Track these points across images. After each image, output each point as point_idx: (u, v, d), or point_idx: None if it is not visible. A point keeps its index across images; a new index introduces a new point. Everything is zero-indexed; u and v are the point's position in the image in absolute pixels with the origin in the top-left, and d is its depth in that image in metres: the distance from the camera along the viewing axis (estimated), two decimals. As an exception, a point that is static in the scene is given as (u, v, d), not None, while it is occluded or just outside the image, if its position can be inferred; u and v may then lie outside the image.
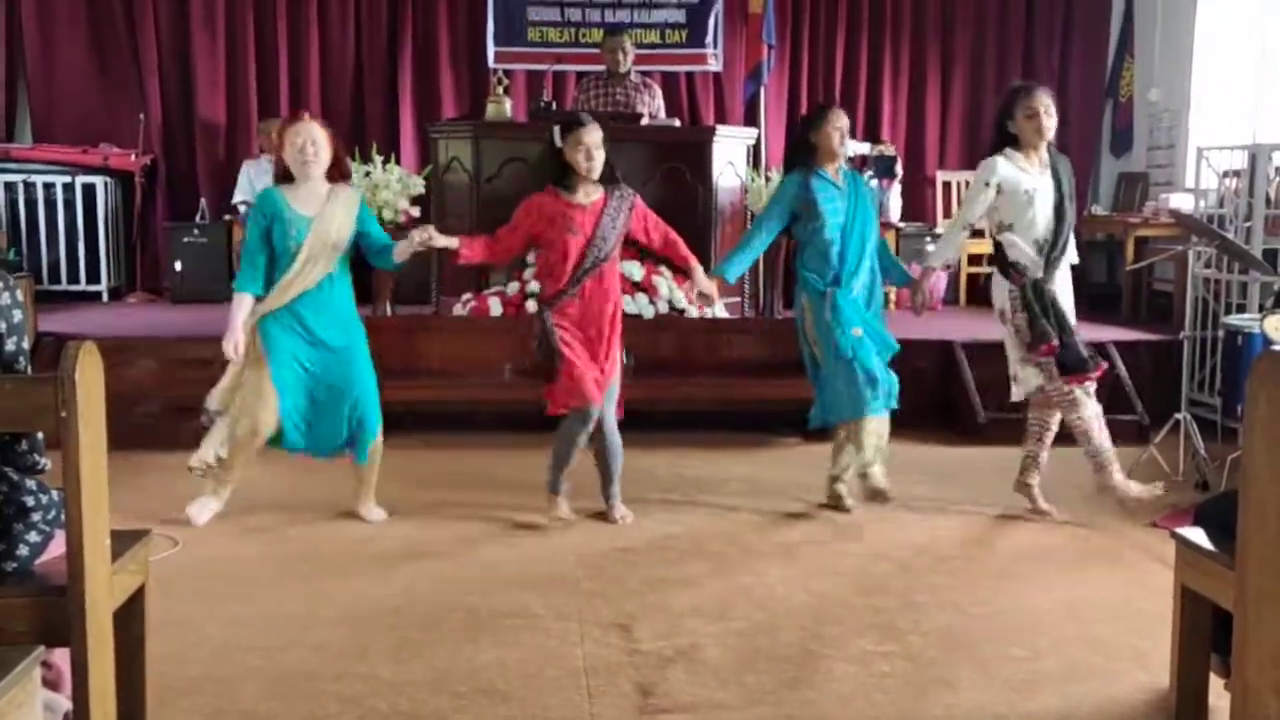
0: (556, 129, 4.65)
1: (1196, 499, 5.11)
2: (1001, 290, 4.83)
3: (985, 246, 7.58)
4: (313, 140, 4.57)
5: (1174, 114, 9.05)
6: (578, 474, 4.83)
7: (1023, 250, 4.74)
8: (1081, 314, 4.98)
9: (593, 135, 4.59)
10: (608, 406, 4.73)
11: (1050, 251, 4.73)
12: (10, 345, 2.56)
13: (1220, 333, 6.15)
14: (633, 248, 5.20)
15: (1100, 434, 4.77)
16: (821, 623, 3.77)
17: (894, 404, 4.89)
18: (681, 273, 5.26)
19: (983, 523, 4.92)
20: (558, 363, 4.60)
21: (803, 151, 4.97)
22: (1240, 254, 5.52)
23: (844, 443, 4.97)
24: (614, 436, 4.80)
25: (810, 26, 9.47)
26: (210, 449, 4.78)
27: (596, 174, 4.63)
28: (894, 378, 4.89)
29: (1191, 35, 8.87)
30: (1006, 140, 4.79)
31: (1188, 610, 2.93)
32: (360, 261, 4.84)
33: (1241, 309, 6.62)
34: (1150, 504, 4.76)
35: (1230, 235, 5.91)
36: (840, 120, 4.93)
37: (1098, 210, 9.30)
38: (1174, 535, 2.97)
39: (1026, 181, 4.73)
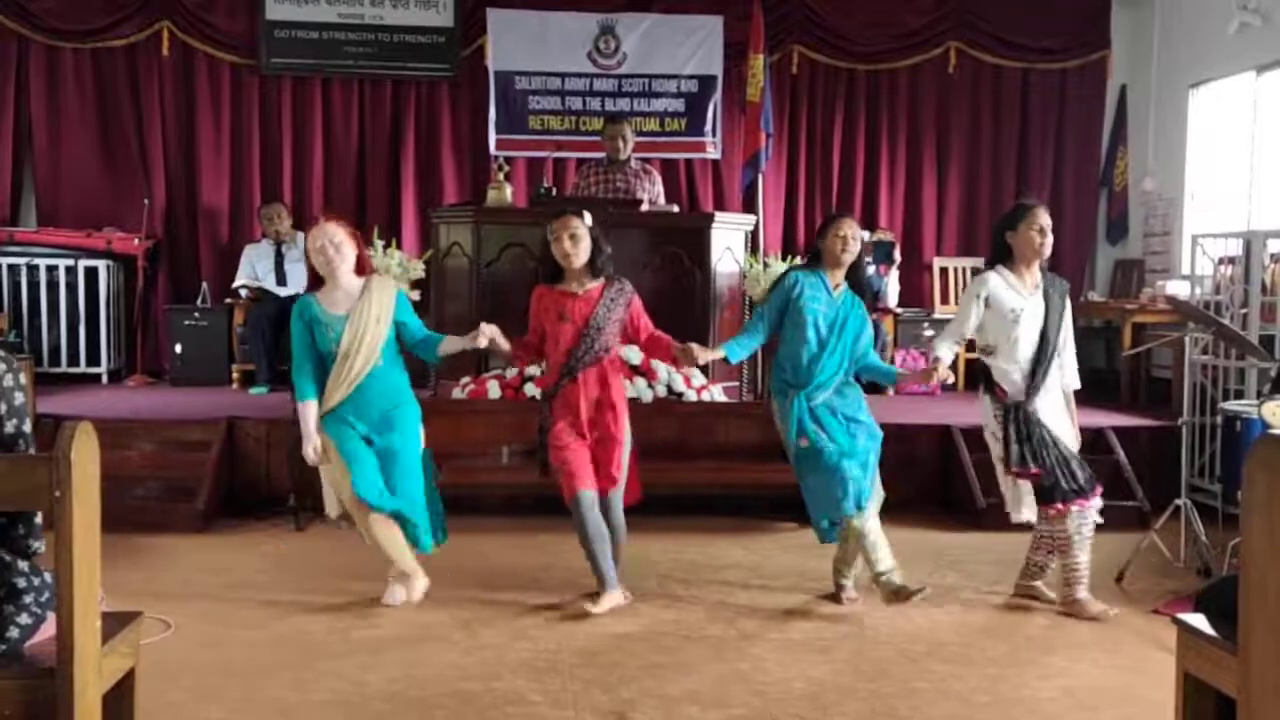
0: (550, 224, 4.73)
1: (1198, 586, 5.08)
2: (988, 408, 4.82)
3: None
4: (331, 240, 4.59)
5: (1168, 202, 9.17)
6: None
7: (1004, 372, 4.74)
8: (1079, 399, 4.97)
9: (569, 224, 4.66)
10: (612, 491, 4.72)
11: (1034, 373, 4.68)
12: (10, 427, 2.57)
13: (1218, 418, 6.15)
14: None
15: (1082, 553, 4.72)
16: (821, 710, 3.72)
17: (860, 506, 4.63)
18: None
19: (982, 609, 4.87)
20: (550, 457, 4.69)
21: (813, 255, 4.95)
22: (1237, 340, 5.55)
23: (848, 544, 4.83)
24: (615, 519, 4.77)
25: (808, 115, 9.62)
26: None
27: (577, 262, 4.66)
28: (863, 480, 4.65)
29: (1184, 125, 9.01)
30: (1002, 254, 4.79)
31: (1191, 697, 2.89)
32: None
33: (1239, 394, 6.63)
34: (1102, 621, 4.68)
35: (1226, 321, 5.94)
36: (844, 228, 4.85)
37: (1094, 297, 9.37)
38: (1176, 621, 2.94)
39: (1014, 300, 4.71)
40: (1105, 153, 9.78)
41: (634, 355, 6.45)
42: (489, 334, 4.64)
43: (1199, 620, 2.88)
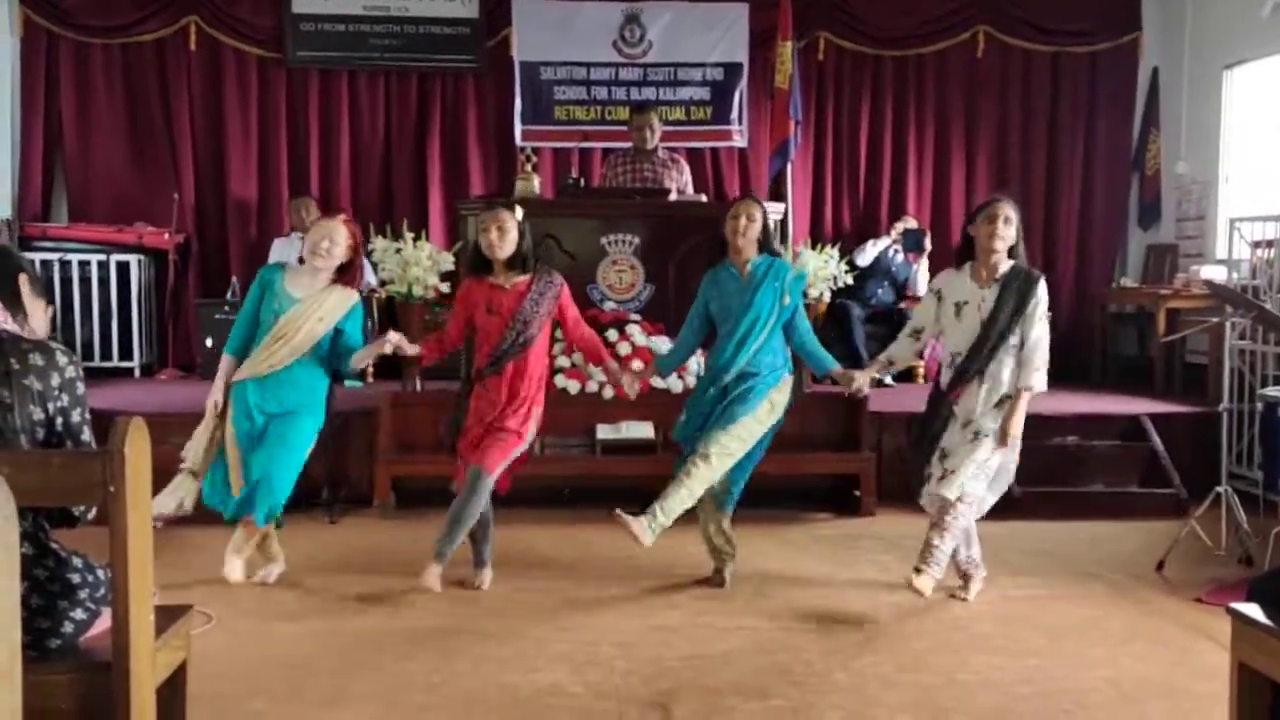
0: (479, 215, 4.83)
1: (1240, 574, 5.04)
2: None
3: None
4: (332, 240, 4.77)
5: (1203, 186, 9.06)
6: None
7: (944, 360, 4.80)
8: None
9: (499, 217, 4.74)
10: (484, 474, 4.73)
11: (961, 367, 4.66)
12: (75, 416, 2.60)
13: (1258, 405, 6.08)
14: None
15: (932, 533, 4.61)
16: (863, 702, 3.70)
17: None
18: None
19: (1020, 600, 4.84)
20: (456, 438, 4.80)
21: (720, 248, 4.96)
22: (1277, 324, 5.48)
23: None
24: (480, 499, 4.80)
25: (835, 102, 9.55)
26: (168, 500, 4.75)
27: (501, 254, 4.73)
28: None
29: (1219, 108, 8.90)
30: (967, 249, 4.77)
31: (1245, 688, 2.85)
32: None
33: (1278, 380, 6.56)
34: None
35: (1267, 305, 5.87)
36: (739, 209, 4.85)
37: (1127, 283, 9.27)
38: (1230, 611, 2.90)
39: (962, 294, 4.71)
40: (1137, 136, 9.67)
41: (662, 346, 6.43)
42: (394, 341, 4.80)
43: (1254, 610, 2.84)
